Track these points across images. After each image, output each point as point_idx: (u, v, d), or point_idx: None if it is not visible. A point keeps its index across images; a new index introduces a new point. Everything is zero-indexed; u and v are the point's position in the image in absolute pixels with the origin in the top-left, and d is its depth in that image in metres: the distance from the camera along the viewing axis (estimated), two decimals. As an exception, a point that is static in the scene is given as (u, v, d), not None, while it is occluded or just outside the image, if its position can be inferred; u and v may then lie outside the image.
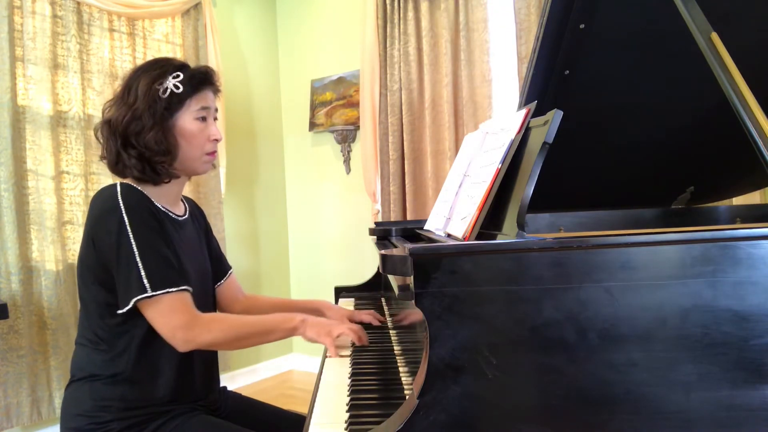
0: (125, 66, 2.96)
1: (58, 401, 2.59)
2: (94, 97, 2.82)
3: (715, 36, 0.97)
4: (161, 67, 1.25)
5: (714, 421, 0.70)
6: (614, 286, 0.70)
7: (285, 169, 3.97)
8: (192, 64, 1.30)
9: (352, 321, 1.45)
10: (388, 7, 3.23)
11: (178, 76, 1.23)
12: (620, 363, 0.70)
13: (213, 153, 1.30)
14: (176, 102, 1.23)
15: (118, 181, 1.22)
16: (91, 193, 2.78)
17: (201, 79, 1.26)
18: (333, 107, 3.63)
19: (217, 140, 1.29)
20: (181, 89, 1.23)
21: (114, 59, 2.93)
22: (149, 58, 3.05)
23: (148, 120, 1.20)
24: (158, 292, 1.12)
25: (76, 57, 2.73)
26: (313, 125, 3.72)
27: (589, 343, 0.70)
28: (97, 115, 2.83)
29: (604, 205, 1.46)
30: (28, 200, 2.55)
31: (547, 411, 0.70)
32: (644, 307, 0.70)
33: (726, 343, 0.70)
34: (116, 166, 1.24)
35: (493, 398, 0.69)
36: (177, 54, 3.23)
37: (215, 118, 1.31)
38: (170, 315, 1.13)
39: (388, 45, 3.24)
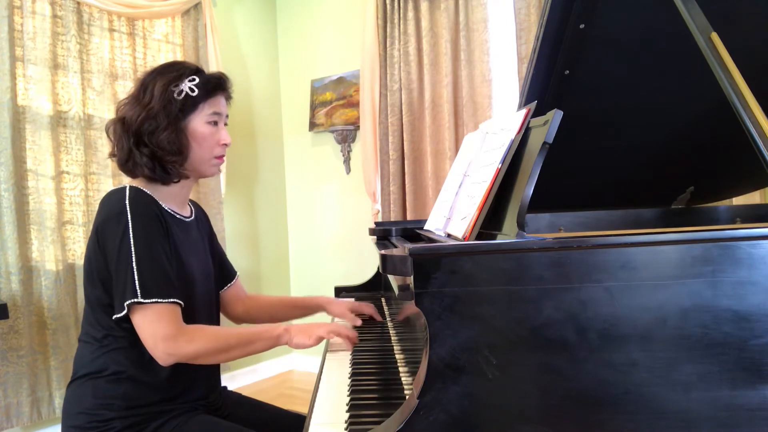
0: (125, 66, 2.96)
1: (58, 401, 2.59)
2: (94, 97, 2.82)
3: (715, 36, 0.97)
4: (177, 69, 1.28)
5: (714, 421, 0.70)
6: (614, 286, 0.70)
7: (285, 169, 3.97)
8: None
9: (354, 312, 1.53)
10: (388, 7, 3.23)
11: (194, 79, 1.26)
12: (620, 363, 0.70)
13: (221, 157, 1.33)
14: (190, 105, 1.26)
15: (127, 183, 1.23)
16: (91, 193, 2.78)
17: (215, 85, 1.29)
18: (333, 107, 3.63)
19: (226, 145, 1.32)
20: (196, 92, 1.26)
21: (114, 59, 2.93)
22: (149, 58, 3.07)
23: (163, 120, 1.23)
24: (147, 300, 1.13)
25: (76, 57, 2.72)
26: (313, 125, 3.72)
27: (589, 343, 0.70)
28: (97, 115, 2.83)
29: (604, 205, 1.46)
30: (28, 200, 2.55)
31: (547, 411, 0.70)
32: (644, 307, 0.70)
33: (726, 343, 0.70)
34: (126, 164, 1.25)
35: (493, 398, 0.69)
36: (177, 54, 3.23)
37: (225, 124, 1.34)
38: (155, 324, 1.13)
39: (388, 45, 3.24)
